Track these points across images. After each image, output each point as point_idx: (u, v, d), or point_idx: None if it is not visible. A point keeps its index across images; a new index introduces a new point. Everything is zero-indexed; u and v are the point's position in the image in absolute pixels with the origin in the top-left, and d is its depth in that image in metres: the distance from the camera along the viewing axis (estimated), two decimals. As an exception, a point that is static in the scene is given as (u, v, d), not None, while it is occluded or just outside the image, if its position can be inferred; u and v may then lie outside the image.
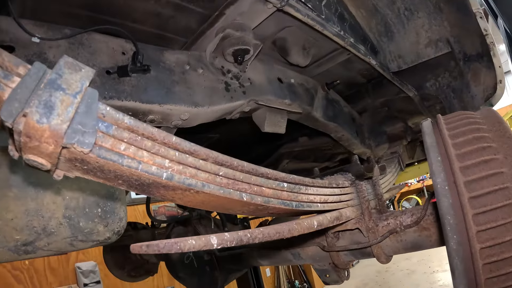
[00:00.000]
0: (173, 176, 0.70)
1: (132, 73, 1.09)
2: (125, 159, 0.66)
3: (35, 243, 1.14)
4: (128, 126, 0.67)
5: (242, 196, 0.80)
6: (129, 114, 1.15)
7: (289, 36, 1.49)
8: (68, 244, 1.18)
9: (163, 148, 0.70)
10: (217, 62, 1.35)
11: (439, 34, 1.65)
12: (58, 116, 0.56)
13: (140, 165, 0.67)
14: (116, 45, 1.15)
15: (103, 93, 1.06)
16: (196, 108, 1.23)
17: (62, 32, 1.08)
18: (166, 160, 0.70)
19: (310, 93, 1.71)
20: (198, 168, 0.74)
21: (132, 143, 0.67)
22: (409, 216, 1.19)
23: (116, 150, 0.66)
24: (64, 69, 0.60)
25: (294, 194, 0.94)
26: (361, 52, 1.54)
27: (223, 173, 0.78)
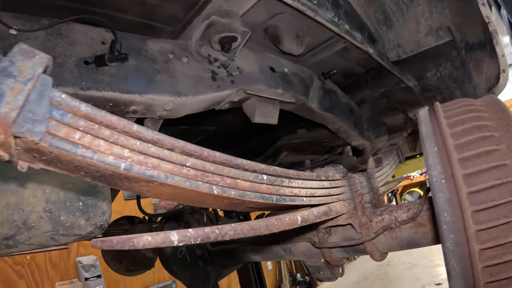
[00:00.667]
0: (132, 166, 0.67)
1: (109, 62, 1.05)
2: (79, 148, 0.63)
3: (16, 237, 1.12)
4: (85, 114, 0.64)
5: (212, 189, 0.76)
6: (110, 105, 1.13)
7: (281, 23, 1.43)
8: (49, 238, 1.16)
9: (122, 137, 0.66)
10: (203, 51, 1.31)
11: (440, 22, 1.57)
12: (7, 104, 0.53)
13: (95, 154, 0.64)
14: (95, 34, 1.11)
15: (81, 83, 1.03)
16: (180, 98, 1.19)
17: (40, 23, 1.05)
18: (125, 149, 0.66)
19: (305, 83, 1.66)
20: (162, 159, 0.70)
21: (89, 132, 0.64)
22: (405, 211, 1.13)
23: (70, 139, 0.62)
24: (18, 56, 0.57)
25: (275, 187, 0.89)
26: (357, 40, 1.48)
27: (190, 164, 0.73)
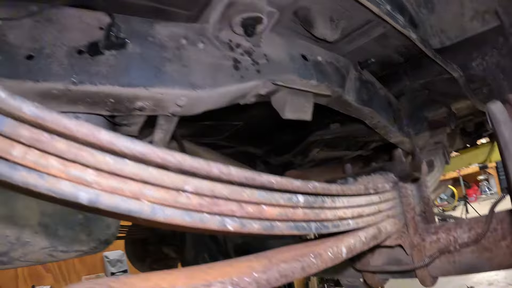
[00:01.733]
0: (99, 197, 0.41)
1: (105, 50, 0.81)
2: (19, 171, 0.39)
3: (10, 254, 0.92)
4: (31, 118, 0.39)
5: (225, 224, 0.50)
6: (111, 101, 0.88)
7: (313, 4, 1.14)
8: (47, 255, 0.95)
9: (85, 151, 0.42)
10: (223, 35, 1.04)
11: (486, 5, 1.29)
12: None
13: (43, 181, 0.39)
14: (92, 19, 0.86)
15: (71, 76, 0.79)
16: (195, 91, 0.94)
17: (27, 10, 0.81)
18: (89, 170, 0.42)
19: (340, 73, 1.36)
20: (147, 182, 0.45)
21: (34, 145, 0.39)
22: (466, 231, 0.85)
23: (6, 156, 0.38)
24: None
25: (314, 210, 0.62)
26: (399, 23, 1.18)
27: (192, 187, 0.47)
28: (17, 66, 0.79)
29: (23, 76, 0.78)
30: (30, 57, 0.80)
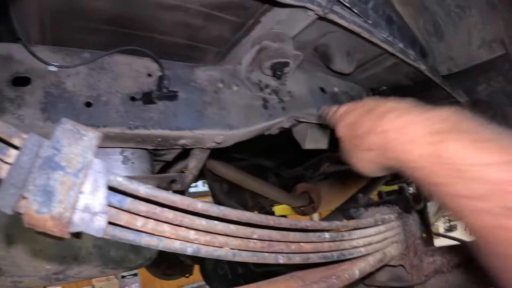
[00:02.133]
0: (200, 249, 0.58)
1: (158, 100, 0.96)
2: (143, 237, 0.54)
3: (66, 272, 1.08)
4: (145, 196, 0.55)
5: (278, 259, 0.67)
6: (158, 140, 1.04)
7: (332, 42, 1.30)
8: (99, 272, 1.11)
9: (187, 218, 0.57)
10: (254, 77, 1.19)
11: (493, 34, 1.41)
12: (60, 203, 0.45)
13: (161, 242, 0.55)
14: (140, 66, 1.01)
15: (128, 122, 0.94)
16: (231, 131, 1.09)
17: (81, 57, 0.95)
18: (191, 231, 0.58)
19: (354, 101, 1.52)
20: (229, 235, 0.61)
21: (151, 217, 0.55)
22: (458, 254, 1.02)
23: (132, 227, 0.54)
24: (62, 140, 0.47)
25: (336, 243, 0.79)
26: (410, 58, 1.33)
27: (257, 235, 0.64)
28: (78, 113, 0.91)
29: (84, 122, 0.88)
30: (89, 104, 0.92)
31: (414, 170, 0.57)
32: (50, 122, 0.89)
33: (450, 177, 0.49)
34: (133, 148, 1.09)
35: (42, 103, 0.89)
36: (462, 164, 0.49)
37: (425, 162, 0.54)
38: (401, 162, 0.60)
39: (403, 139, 0.59)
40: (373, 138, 0.66)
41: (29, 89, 0.89)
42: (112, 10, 0.95)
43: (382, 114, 0.66)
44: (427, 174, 0.54)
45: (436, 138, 0.54)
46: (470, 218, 0.48)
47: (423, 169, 0.55)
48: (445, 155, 0.51)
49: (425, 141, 0.55)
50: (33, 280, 1.05)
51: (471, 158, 0.48)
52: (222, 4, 1.00)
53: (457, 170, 0.49)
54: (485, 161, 0.46)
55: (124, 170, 1.08)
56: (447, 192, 0.50)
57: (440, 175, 0.51)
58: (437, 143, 0.53)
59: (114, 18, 0.98)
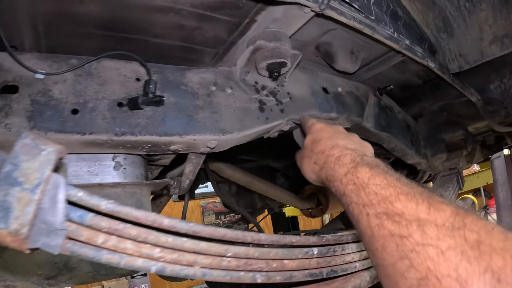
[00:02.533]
0: (165, 268, 0.56)
1: (144, 106, 0.95)
2: (104, 254, 0.53)
3: (58, 278, 1.09)
4: (107, 211, 0.54)
5: (256, 278, 0.65)
6: (148, 146, 1.03)
7: (334, 40, 1.26)
8: (90, 278, 1.12)
9: (152, 234, 0.56)
10: (249, 78, 1.17)
11: (505, 30, 1.36)
12: (16, 220, 0.46)
13: (122, 260, 0.54)
14: (129, 71, 1.01)
15: (115, 129, 0.94)
16: (225, 136, 1.08)
17: (68, 63, 0.96)
18: (156, 249, 0.56)
19: (360, 101, 1.47)
20: (199, 253, 0.59)
21: (113, 233, 0.54)
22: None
23: (92, 243, 0.53)
24: (21, 156, 0.48)
25: (326, 259, 0.76)
26: (418, 55, 1.28)
27: (232, 253, 0.62)
28: (65, 121, 0.91)
29: (71, 130, 0.91)
30: (76, 111, 0.93)
31: (336, 184, 0.78)
32: (37, 130, 0.89)
33: (357, 190, 0.70)
34: (125, 154, 1.09)
35: (29, 111, 0.90)
36: (366, 182, 0.69)
37: (344, 180, 0.75)
38: (329, 177, 0.83)
39: (336, 163, 0.82)
40: (321, 157, 0.90)
41: (17, 97, 0.90)
42: (102, 14, 0.95)
43: (332, 144, 0.91)
44: (342, 188, 0.75)
45: (353, 164, 0.77)
46: (364, 220, 0.65)
47: (340, 184, 0.76)
48: (357, 175, 0.73)
49: (348, 166, 0.78)
50: (26, 285, 1.07)
51: (370, 179, 0.70)
52: (214, 4, 0.98)
53: (362, 186, 0.69)
54: (376, 182, 0.68)
55: (116, 176, 1.08)
56: (354, 201, 0.69)
57: (351, 189, 0.72)
58: (353, 167, 0.76)
59: (106, 22, 0.98)
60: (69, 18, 0.93)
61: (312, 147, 0.97)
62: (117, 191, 1.07)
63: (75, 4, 0.89)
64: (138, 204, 1.11)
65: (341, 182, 0.76)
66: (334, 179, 0.79)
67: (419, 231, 0.54)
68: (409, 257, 0.53)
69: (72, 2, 0.88)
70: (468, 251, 0.49)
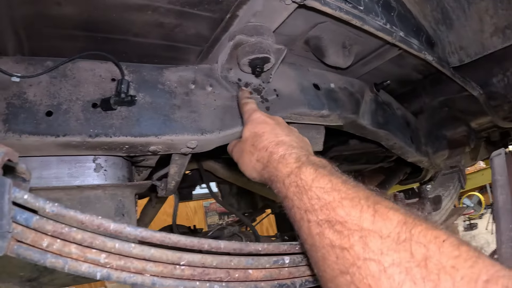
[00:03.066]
0: (111, 274, 0.56)
1: (116, 106, 0.95)
2: (48, 258, 0.53)
3: (39, 280, 1.11)
4: (52, 214, 0.54)
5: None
6: (126, 147, 1.03)
7: (323, 33, 1.23)
8: (71, 280, 1.14)
9: (98, 239, 0.56)
10: (232, 75, 1.16)
11: (507, 20, 1.32)
12: None
13: (66, 264, 0.54)
14: (104, 71, 1.01)
15: (88, 130, 0.94)
16: (204, 136, 1.07)
17: (44, 66, 0.97)
18: (102, 254, 0.56)
19: (355, 97, 1.44)
20: (148, 260, 0.59)
21: (58, 236, 0.54)
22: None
23: (38, 246, 0.53)
24: None
25: (300, 268, 0.74)
26: (414, 48, 1.25)
27: (185, 261, 0.61)
28: (38, 123, 0.93)
29: (44, 132, 0.92)
30: (50, 113, 0.94)
31: (278, 186, 0.74)
32: (11, 133, 0.91)
33: (300, 193, 0.66)
34: (105, 155, 1.09)
35: (4, 114, 0.92)
36: (309, 185, 0.65)
37: (287, 181, 0.71)
38: (272, 178, 0.78)
39: (280, 162, 0.77)
40: (264, 154, 0.84)
41: (-7, 101, 0.92)
42: (80, 15, 0.95)
43: (277, 141, 0.85)
44: (285, 191, 0.71)
45: (298, 164, 0.72)
46: (305, 226, 0.62)
47: (283, 186, 0.72)
48: (301, 176, 0.68)
49: (291, 166, 0.73)
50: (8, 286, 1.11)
51: (314, 181, 0.65)
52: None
53: (305, 188, 0.65)
54: (320, 185, 0.63)
55: (96, 178, 1.09)
56: (296, 205, 0.66)
57: (294, 191, 0.67)
58: (297, 168, 0.71)
59: (84, 23, 0.99)
60: (48, 20, 0.95)
61: (254, 142, 0.89)
62: (97, 193, 1.07)
63: (52, 5, 0.90)
64: (120, 206, 1.11)
65: (283, 183, 0.71)
66: (277, 179, 0.74)
67: (361, 243, 0.50)
68: (350, 272, 0.49)
69: (49, 4, 0.89)
70: (413, 269, 0.44)
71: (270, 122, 0.93)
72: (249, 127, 0.95)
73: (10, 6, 0.87)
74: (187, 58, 1.19)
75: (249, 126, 0.95)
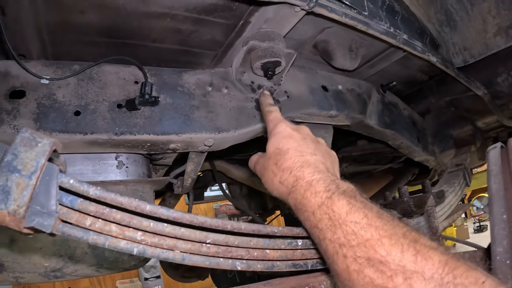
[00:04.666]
0: (146, 250, 0.64)
1: (140, 106, 1.04)
2: (91, 235, 0.62)
3: (63, 270, 1.19)
4: (95, 197, 0.62)
5: (236, 265, 0.72)
6: (148, 145, 1.13)
7: (331, 38, 1.32)
8: (94, 271, 1.22)
9: (135, 219, 0.64)
10: (245, 78, 1.25)
11: (510, 20, 1.37)
12: (15, 201, 0.55)
13: (107, 241, 0.62)
14: (127, 74, 1.11)
15: (114, 129, 1.03)
16: (221, 134, 1.15)
17: (71, 69, 1.06)
18: (138, 232, 0.64)
19: (362, 98, 1.53)
20: (179, 238, 0.67)
21: (100, 216, 0.62)
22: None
23: (81, 225, 0.62)
24: (20, 147, 0.57)
25: (311, 251, 0.82)
26: (417, 50, 1.32)
27: (211, 240, 0.69)
28: (68, 122, 1.02)
29: (73, 130, 1.01)
30: (78, 113, 1.03)
31: (306, 215, 0.72)
32: (42, 130, 1.00)
33: (333, 226, 0.64)
34: (127, 153, 1.18)
35: (35, 114, 1.01)
36: (343, 218, 0.63)
37: (318, 213, 0.68)
38: (298, 206, 0.74)
39: (308, 190, 0.73)
40: (289, 178, 0.78)
41: (24, 101, 1.01)
42: (102, 22, 1.04)
43: (302, 161, 0.79)
44: (315, 222, 0.69)
45: (328, 194, 0.69)
46: (340, 261, 0.61)
47: (313, 216, 0.69)
48: (333, 209, 0.66)
49: (321, 195, 0.70)
50: (33, 276, 1.17)
51: (348, 215, 0.63)
52: (207, 7, 1.07)
53: (339, 222, 0.63)
54: (355, 220, 0.62)
55: (119, 174, 1.17)
56: (328, 237, 0.65)
57: (326, 224, 0.66)
58: (328, 198, 0.68)
59: (106, 30, 1.08)
60: (72, 27, 1.04)
61: (277, 160, 0.82)
62: (119, 188, 1.16)
63: (76, 14, 1.00)
64: (141, 201, 1.20)
65: (313, 214, 0.69)
66: (305, 209, 0.71)
67: (405, 285, 0.52)
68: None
69: (73, 12, 0.99)
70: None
71: (296, 137, 0.85)
72: (273, 142, 0.87)
73: (37, 14, 0.97)
74: (202, 62, 1.29)
75: (273, 140, 0.87)
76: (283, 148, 0.83)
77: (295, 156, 0.80)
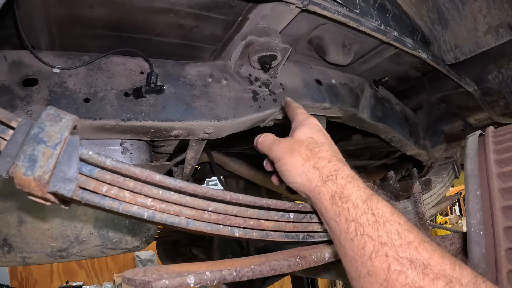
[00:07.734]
0: (155, 215, 0.75)
1: (146, 94, 1.15)
2: (107, 200, 0.73)
3: (69, 250, 1.30)
4: (111, 167, 0.73)
5: (234, 232, 0.83)
6: (152, 131, 1.24)
7: (325, 34, 1.44)
8: (98, 251, 1.32)
9: (146, 187, 0.75)
10: (243, 71, 1.37)
11: (500, 19, 1.47)
12: (40, 168, 0.64)
13: (121, 205, 0.73)
14: (134, 65, 1.22)
15: (121, 115, 1.14)
16: (220, 122, 1.27)
17: (81, 60, 1.17)
18: (148, 199, 0.75)
19: (355, 93, 1.65)
20: (184, 205, 0.78)
21: (115, 184, 0.73)
22: (448, 245, 1.12)
23: (98, 191, 0.73)
24: (46, 122, 0.68)
25: (303, 224, 0.93)
26: (408, 46, 1.44)
27: (212, 208, 0.81)
28: (78, 108, 1.13)
29: (83, 115, 1.12)
30: (87, 100, 1.15)
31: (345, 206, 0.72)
32: (54, 116, 1.11)
33: (376, 223, 0.66)
34: (132, 139, 1.30)
35: (47, 100, 1.12)
36: (387, 217, 0.66)
37: (362, 206, 0.70)
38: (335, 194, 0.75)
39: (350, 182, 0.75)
40: (327, 165, 0.81)
41: (36, 88, 1.12)
42: (108, 16, 1.15)
43: (338, 158, 0.83)
44: (355, 214, 0.70)
45: (371, 191, 0.72)
46: (380, 260, 0.62)
47: (354, 209, 0.70)
48: (377, 206, 0.68)
49: (366, 191, 0.72)
50: (40, 256, 1.28)
51: (393, 215, 0.67)
52: (208, 4, 1.18)
53: (383, 220, 0.66)
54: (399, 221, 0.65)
55: (123, 159, 1.29)
56: (367, 233, 0.66)
57: (369, 219, 0.67)
58: (372, 195, 0.71)
59: (113, 23, 1.18)
60: (80, 21, 1.15)
61: (312, 147, 0.84)
62: (124, 172, 1.27)
63: (85, 8, 1.11)
64: (143, 186, 1.31)
65: (356, 206, 0.70)
66: (347, 199, 0.72)
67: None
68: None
69: (82, 6, 1.10)
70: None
71: (328, 137, 0.90)
72: (305, 130, 0.89)
73: (47, 8, 1.07)
74: (202, 56, 1.40)
75: (306, 129, 0.89)
76: (319, 140, 0.86)
77: (331, 151, 0.84)
